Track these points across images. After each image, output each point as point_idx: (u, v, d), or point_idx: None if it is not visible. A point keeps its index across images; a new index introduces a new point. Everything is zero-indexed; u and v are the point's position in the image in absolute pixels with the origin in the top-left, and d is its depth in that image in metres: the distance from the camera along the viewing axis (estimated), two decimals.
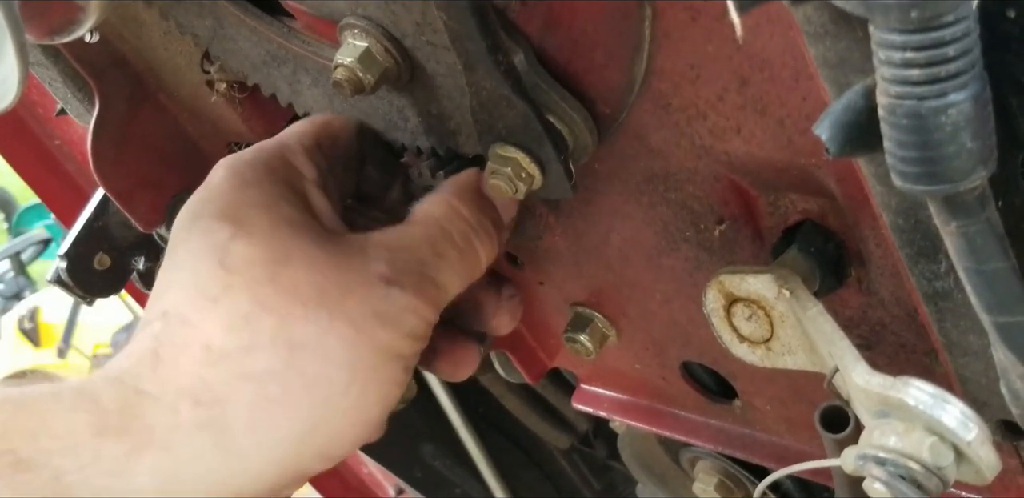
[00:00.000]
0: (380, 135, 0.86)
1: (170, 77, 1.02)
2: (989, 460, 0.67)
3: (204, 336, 0.76)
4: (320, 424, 0.76)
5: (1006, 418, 0.77)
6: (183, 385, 0.74)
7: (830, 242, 0.80)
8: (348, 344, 0.77)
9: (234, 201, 0.81)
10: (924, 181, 0.50)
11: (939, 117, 0.47)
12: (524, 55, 0.73)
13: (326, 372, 0.76)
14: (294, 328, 0.76)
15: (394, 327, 0.78)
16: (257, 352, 0.75)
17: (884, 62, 0.47)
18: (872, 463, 0.68)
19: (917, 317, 0.80)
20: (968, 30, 0.46)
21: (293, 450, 0.75)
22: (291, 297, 0.76)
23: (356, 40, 0.73)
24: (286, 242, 0.78)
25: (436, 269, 0.82)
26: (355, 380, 0.77)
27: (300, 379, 0.75)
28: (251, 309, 0.76)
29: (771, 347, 0.81)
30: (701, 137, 0.75)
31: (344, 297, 0.77)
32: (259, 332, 0.75)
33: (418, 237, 0.82)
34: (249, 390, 0.74)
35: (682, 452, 1.34)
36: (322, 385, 0.76)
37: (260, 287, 0.76)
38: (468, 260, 0.84)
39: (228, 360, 0.75)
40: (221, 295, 0.76)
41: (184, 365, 0.75)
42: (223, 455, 0.73)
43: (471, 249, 0.84)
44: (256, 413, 0.74)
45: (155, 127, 1.08)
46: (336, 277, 0.78)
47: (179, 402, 0.73)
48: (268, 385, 0.75)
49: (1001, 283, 0.55)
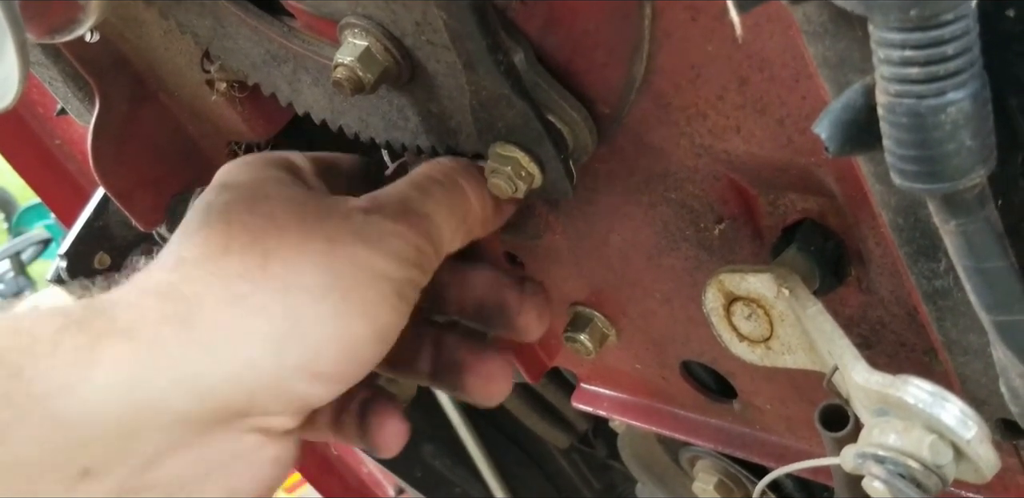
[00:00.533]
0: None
1: (170, 77, 1.02)
2: (988, 459, 0.67)
3: (177, 251, 0.76)
4: (295, 328, 0.73)
5: (1005, 417, 0.77)
6: (148, 286, 0.73)
7: (829, 241, 0.80)
8: (323, 256, 0.75)
9: (229, 172, 0.84)
10: (923, 180, 0.50)
11: (938, 115, 0.47)
12: (524, 54, 0.73)
13: (300, 280, 0.74)
14: (269, 240, 0.75)
15: (375, 247, 0.77)
16: (229, 256, 0.74)
17: (883, 61, 0.48)
18: (871, 461, 0.68)
19: (916, 316, 0.80)
20: (967, 29, 0.46)
21: (268, 352, 0.72)
22: (267, 219, 0.76)
23: (356, 39, 0.73)
24: (269, 187, 0.80)
25: (420, 202, 0.81)
26: (333, 289, 0.74)
27: (273, 282, 0.73)
28: (226, 229, 0.76)
29: (770, 346, 0.81)
30: (701, 136, 0.75)
31: (321, 222, 0.77)
32: (233, 242, 0.75)
33: (399, 183, 0.83)
34: (218, 287, 0.73)
35: (682, 451, 1.34)
36: (296, 291, 0.74)
37: (237, 215, 0.77)
38: (454, 196, 0.83)
39: (198, 264, 0.74)
40: (200, 228, 0.77)
41: (154, 272, 0.74)
42: (192, 347, 0.70)
43: (456, 186, 0.83)
44: (225, 309, 0.72)
45: (155, 127, 1.08)
46: (315, 209, 0.78)
47: (143, 299, 0.71)
48: (239, 284, 0.73)
49: (1000, 282, 0.55)
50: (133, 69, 1.04)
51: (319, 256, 0.75)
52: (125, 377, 0.67)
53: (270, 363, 0.72)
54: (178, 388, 0.69)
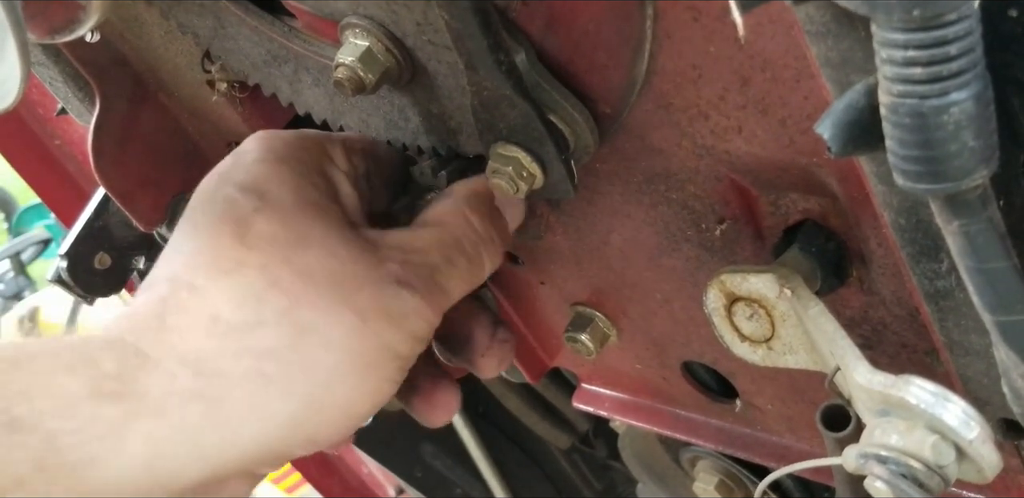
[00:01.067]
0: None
1: (171, 77, 1.02)
2: (990, 459, 0.67)
3: (212, 307, 0.76)
4: (312, 408, 0.76)
5: (1007, 417, 0.77)
6: (184, 353, 0.74)
7: (831, 241, 0.80)
8: (354, 334, 0.77)
9: (262, 175, 0.82)
10: (926, 180, 0.50)
11: (941, 116, 0.47)
12: (525, 54, 0.73)
13: (327, 358, 0.76)
14: (303, 311, 0.76)
15: (399, 326, 0.79)
16: (263, 329, 0.75)
17: (886, 61, 0.47)
18: (873, 462, 0.68)
19: (918, 316, 0.80)
20: (970, 29, 0.46)
21: (282, 431, 0.75)
22: (305, 281, 0.77)
23: (357, 39, 0.73)
24: (307, 225, 0.79)
25: (445, 275, 0.82)
26: (354, 370, 0.77)
27: (301, 361, 0.76)
28: (263, 286, 0.76)
29: (772, 346, 0.81)
30: (703, 137, 0.75)
31: (357, 290, 0.78)
32: (268, 310, 0.76)
33: (431, 242, 0.83)
34: (249, 365, 0.74)
35: (682, 452, 1.34)
36: (321, 370, 0.76)
37: (275, 267, 0.77)
38: (475, 269, 0.85)
39: (233, 333, 0.75)
40: (234, 269, 0.77)
41: (188, 333, 0.75)
42: (214, 427, 0.73)
43: (478, 258, 0.85)
44: (252, 389, 0.74)
45: (156, 127, 1.08)
46: (352, 269, 0.78)
47: (179, 370, 0.73)
48: (268, 363, 0.75)
49: (1003, 282, 0.55)
50: (133, 69, 1.04)
51: (348, 335, 0.77)
52: (150, 453, 0.71)
53: (279, 440, 0.76)
54: (195, 463, 0.73)
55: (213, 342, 0.75)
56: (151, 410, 0.71)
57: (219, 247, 0.78)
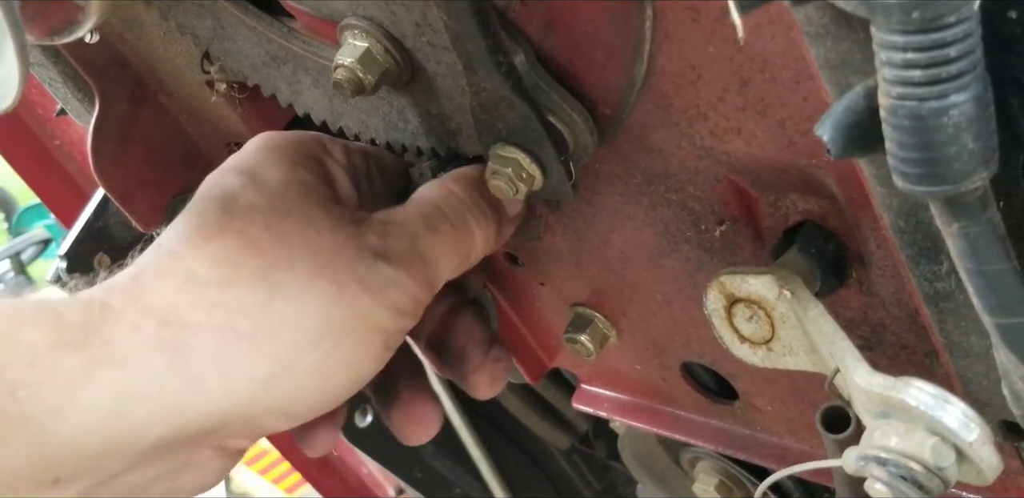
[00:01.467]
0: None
1: (170, 77, 1.02)
2: (991, 461, 0.67)
3: (188, 266, 0.76)
4: (283, 372, 0.74)
5: (1008, 419, 0.77)
6: (152, 305, 0.73)
7: (831, 243, 0.80)
8: (327, 300, 0.76)
9: (256, 158, 0.83)
10: (925, 182, 0.50)
11: (940, 118, 0.47)
12: (524, 55, 0.73)
13: (300, 321, 0.75)
14: (279, 273, 0.76)
15: (377, 297, 0.78)
16: (237, 286, 0.75)
17: (885, 63, 0.47)
18: (873, 463, 0.68)
19: (918, 318, 0.80)
20: (970, 31, 0.46)
21: (250, 391, 0.74)
22: (282, 245, 0.76)
23: (356, 40, 0.73)
24: (292, 199, 0.79)
25: (427, 244, 0.82)
26: (327, 336, 0.76)
27: (273, 321, 0.75)
28: (241, 247, 0.76)
29: (772, 348, 0.81)
30: (702, 138, 0.75)
31: (333, 258, 0.77)
32: (244, 269, 0.75)
33: (412, 213, 0.83)
34: (219, 320, 0.74)
35: (682, 452, 1.34)
36: (293, 333, 0.75)
37: (255, 231, 0.77)
38: (460, 236, 0.84)
39: (206, 288, 0.74)
40: (215, 234, 0.77)
41: (160, 289, 0.74)
42: (179, 378, 0.72)
43: (465, 226, 0.84)
44: (222, 344, 0.73)
45: (155, 127, 1.08)
46: (330, 239, 0.78)
47: (145, 320, 0.72)
48: (240, 318, 0.74)
49: (1003, 284, 0.55)
50: (133, 70, 1.04)
51: (323, 300, 0.76)
52: (111, 405, 0.69)
53: (249, 402, 0.74)
54: (157, 420, 0.71)
55: (184, 296, 0.74)
56: (114, 359, 0.70)
57: (204, 218, 0.78)
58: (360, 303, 0.77)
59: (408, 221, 0.82)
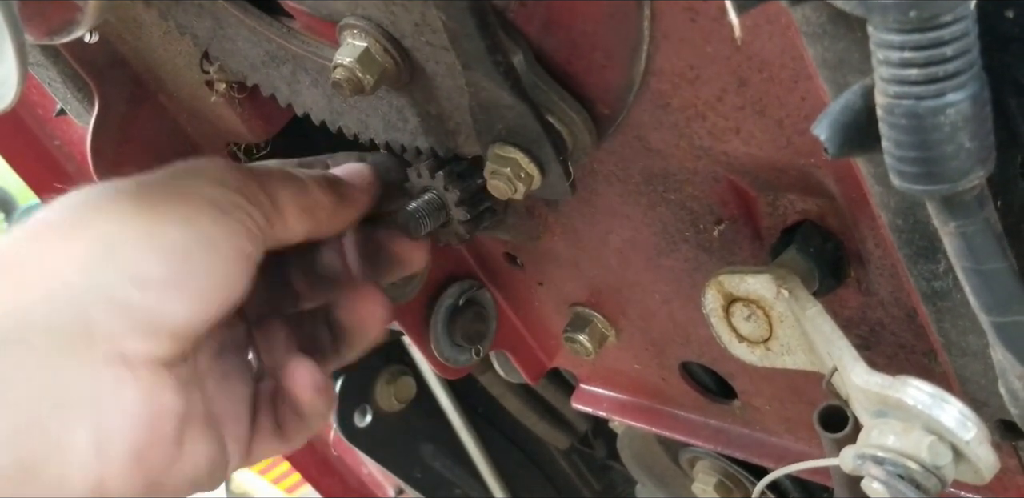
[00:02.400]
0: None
1: (169, 78, 1.02)
2: (988, 460, 0.67)
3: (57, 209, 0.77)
4: (112, 245, 0.73)
5: (1005, 418, 0.77)
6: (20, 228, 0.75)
7: (829, 242, 0.80)
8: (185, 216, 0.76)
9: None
10: (923, 181, 0.50)
11: (937, 117, 0.47)
12: (523, 55, 0.73)
13: (119, 206, 0.76)
14: (147, 193, 0.77)
15: (228, 218, 0.77)
16: (105, 205, 0.76)
17: (882, 62, 0.48)
18: (871, 462, 0.68)
19: (916, 317, 0.80)
20: (966, 30, 0.46)
21: (84, 268, 0.71)
22: (152, 180, 0.79)
23: (355, 40, 0.73)
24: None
25: (273, 189, 0.81)
26: (147, 207, 0.76)
27: (91, 215, 0.76)
28: (110, 185, 0.79)
29: (770, 347, 0.81)
30: (700, 138, 0.75)
31: (194, 188, 0.78)
32: (115, 188, 0.78)
33: (266, 170, 0.84)
34: (43, 239, 0.74)
35: (681, 452, 1.34)
36: (112, 214, 0.75)
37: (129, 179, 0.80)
38: (305, 194, 0.83)
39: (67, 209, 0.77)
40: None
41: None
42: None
43: (305, 187, 0.83)
44: (40, 247, 0.73)
45: (155, 127, 1.08)
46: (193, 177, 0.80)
47: (16, 233, 0.74)
48: (59, 231, 0.74)
49: (1000, 283, 0.55)
50: (132, 70, 1.04)
51: (190, 212, 0.75)
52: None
53: (86, 277, 0.71)
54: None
55: (50, 214, 0.75)
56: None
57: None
58: (214, 221, 0.76)
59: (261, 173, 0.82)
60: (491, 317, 1.17)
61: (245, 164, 0.85)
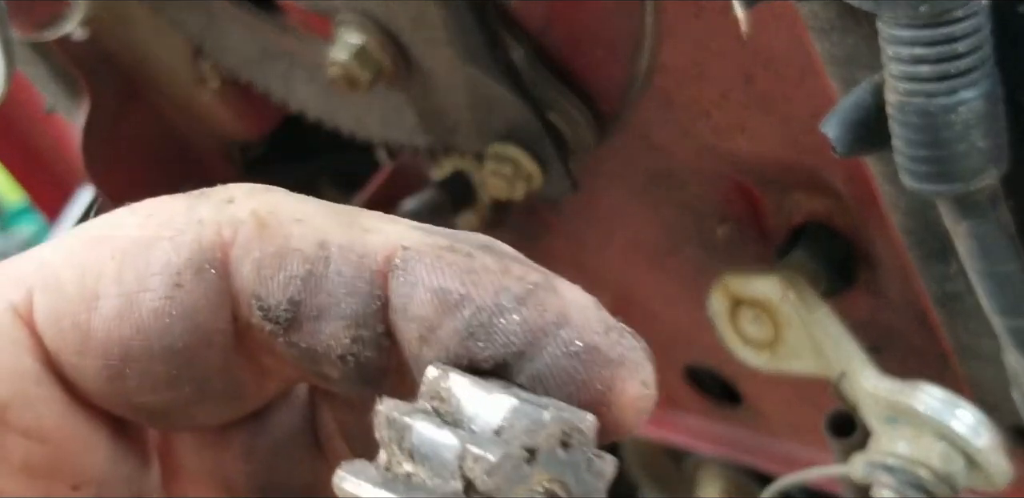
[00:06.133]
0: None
1: (161, 75, 1.02)
2: (1000, 467, 0.67)
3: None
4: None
5: (1018, 424, 0.76)
6: None
7: (837, 243, 0.80)
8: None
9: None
10: (934, 180, 0.49)
11: (949, 115, 0.47)
12: (524, 51, 0.73)
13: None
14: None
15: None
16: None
17: (893, 58, 0.47)
18: (881, 470, 0.68)
19: (927, 320, 0.79)
20: (979, 26, 0.46)
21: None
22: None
23: (351, 36, 0.73)
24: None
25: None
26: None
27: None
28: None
29: (776, 351, 0.80)
30: (704, 136, 0.75)
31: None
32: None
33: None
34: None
35: (686, 457, 1.33)
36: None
37: None
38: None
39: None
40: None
41: None
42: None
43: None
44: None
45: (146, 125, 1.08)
46: None
47: None
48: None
49: (1013, 285, 0.54)
50: (123, 67, 1.03)
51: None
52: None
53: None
54: None
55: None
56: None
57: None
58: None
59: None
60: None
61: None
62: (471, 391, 0.30)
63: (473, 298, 0.34)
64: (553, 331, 0.34)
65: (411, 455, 0.29)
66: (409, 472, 0.29)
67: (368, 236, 0.36)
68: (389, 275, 0.35)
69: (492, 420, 0.29)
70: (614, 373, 0.34)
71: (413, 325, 0.34)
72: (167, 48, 0.98)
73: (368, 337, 0.35)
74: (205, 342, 0.36)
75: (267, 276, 0.35)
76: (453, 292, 0.34)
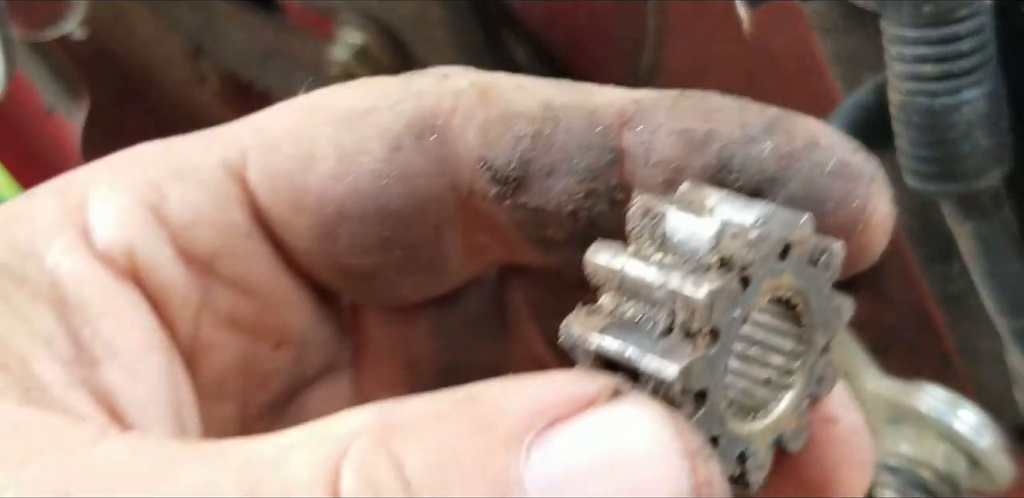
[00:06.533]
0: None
1: (161, 74, 1.02)
2: (1003, 467, 0.66)
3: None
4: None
5: (1021, 424, 0.76)
6: None
7: None
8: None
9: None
10: (937, 180, 0.49)
11: (953, 115, 0.47)
12: (525, 50, 0.73)
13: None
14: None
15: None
16: None
17: (896, 58, 0.47)
18: (884, 471, 0.68)
19: (930, 321, 0.79)
20: (982, 25, 0.45)
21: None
22: None
23: (352, 35, 0.73)
24: None
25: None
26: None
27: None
28: None
29: None
30: None
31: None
32: None
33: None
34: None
35: None
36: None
37: None
38: None
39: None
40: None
41: None
42: None
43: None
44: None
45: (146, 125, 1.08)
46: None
47: None
48: None
49: (1016, 285, 0.54)
50: (123, 67, 1.04)
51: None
52: None
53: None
54: None
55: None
56: None
57: None
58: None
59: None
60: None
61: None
62: (726, 197, 0.30)
63: (721, 132, 0.35)
64: (805, 154, 0.35)
65: (663, 242, 0.29)
66: (658, 259, 0.29)
67: (594, 96, 0.36)
68: (623, 127, 0.35)
69: (747, 218, 0.29)
70: (869, 189, 0.34)
71: (656, 170, 0.35)
72: (167, 48, 0.98)
73: (602, 190, 0.35)
74: (420, 209, 0.36)
75: (494, 138, 0.35)
76: (698, 131, 0.35)
